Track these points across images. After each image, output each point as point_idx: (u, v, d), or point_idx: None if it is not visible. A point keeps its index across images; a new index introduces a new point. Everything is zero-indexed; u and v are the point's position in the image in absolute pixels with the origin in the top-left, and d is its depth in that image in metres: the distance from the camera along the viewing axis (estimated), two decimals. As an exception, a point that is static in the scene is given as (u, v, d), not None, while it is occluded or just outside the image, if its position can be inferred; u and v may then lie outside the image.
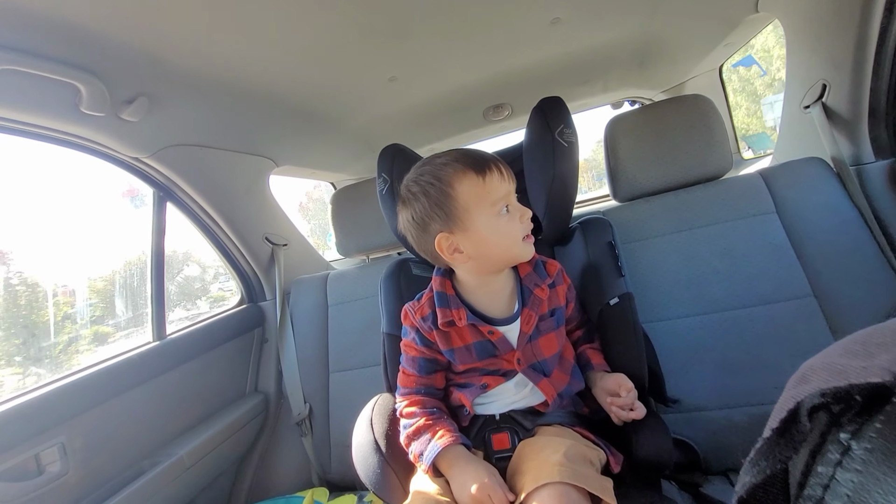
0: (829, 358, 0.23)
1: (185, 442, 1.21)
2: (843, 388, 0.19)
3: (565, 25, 1.22)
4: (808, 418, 0.19)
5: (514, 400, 0.86)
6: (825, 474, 0.18)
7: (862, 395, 0.19)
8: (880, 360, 0.20)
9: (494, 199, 0.79)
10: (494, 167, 0.79)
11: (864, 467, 0.17)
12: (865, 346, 0.22)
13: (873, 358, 0.21)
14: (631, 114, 1.30)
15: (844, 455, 0.17)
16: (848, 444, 0.18)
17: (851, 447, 0.17)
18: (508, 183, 0.80)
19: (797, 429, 0.20)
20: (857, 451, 0.17)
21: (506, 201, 0.80)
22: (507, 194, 0.80)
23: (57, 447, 0.96)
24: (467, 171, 0.78)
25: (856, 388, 0.19)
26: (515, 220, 0.80)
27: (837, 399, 0.19)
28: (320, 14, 0.90)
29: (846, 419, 0.19)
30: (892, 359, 0.20)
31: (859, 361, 0.21)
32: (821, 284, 1.06)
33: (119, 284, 1.64)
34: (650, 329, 1.14)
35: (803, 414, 0.19)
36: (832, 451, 0.18)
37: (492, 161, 0.80)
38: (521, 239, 0.80)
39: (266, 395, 1.53)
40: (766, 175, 1.18)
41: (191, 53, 0.94)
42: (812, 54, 1.13)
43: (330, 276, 1.56)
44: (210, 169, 1.33)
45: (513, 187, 0.81)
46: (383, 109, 1.55)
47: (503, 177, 0.79)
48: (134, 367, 1.15)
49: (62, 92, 0.87)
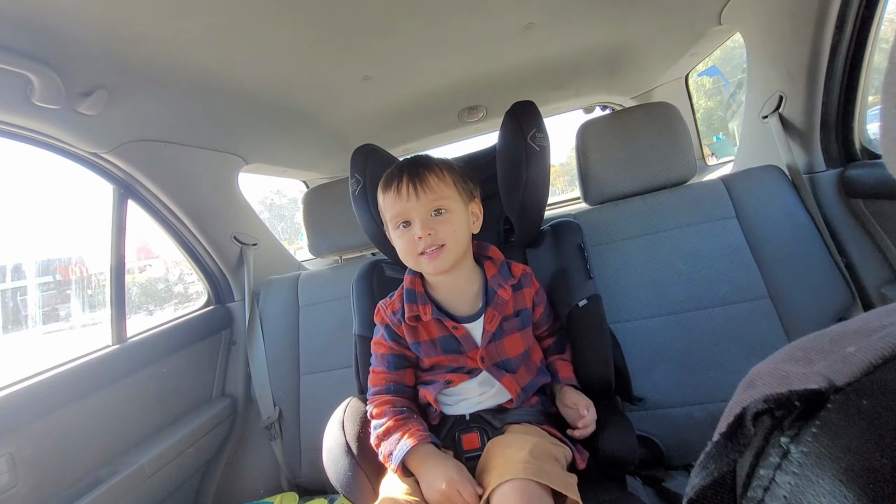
0: (774, 364, 0.25)
1: (147, 449, 1.16)
2: (784, 395, 0.20)
3: (539, 31, 1.24)
4: (752, 423, 0.21)
5: (481, 399, 0.88)
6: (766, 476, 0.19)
7: (800, 400, 0.20)
8: (819, 367, 0.22)
9: (391, 215, 0.87)
10: (395, 186, 0.84)
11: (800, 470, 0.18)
12: (807, 353, 0.24)
13: (813, 364, 0.22)
14: (601, 119, 1.33)
15: (783, 458, 0.18)
16: (787, 447, 0.19)
17: (790, 451, 0.18)
18: (406, 202, 0.83)
19: (743, 433, 0.21)
20: (795, 455, 0.18)
21: (401, 218, 0.85)
22: (403, 212, 0.85)
23: (5, 458, 0.90)
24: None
25: (795, 395, 0.20)
26: (410, 237, 0.84)
27: (779, 405, 0.20)
28: (292, 9, 0.88)
29: (787, 423, 0.20)
30: (828, 365, 0.21)
31: (800, 368, 0.22)
32: (775, 287, 1.12)
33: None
34: (618, 329, 1.17)
35: (748, 419, 0.21)
36: (773, 455, 0.19)
37: (396, 180, 0.85)
38: (415, 254, 0.84)
39: (234, 399, 1.48)
40: (727, 181, 1.23)
41: (153, 45, 0.90)
42: (770, 67, 1.19)
43: (301, 276, 1.54)
44: (175, 166, 1.28)
45: (414, 206, 0.83)
46: (357, 108, 1.53)
47: (400, 196, 0.84)
48: (91, 371, 1.10)
49: (12, 82, 0.82)
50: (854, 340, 0.22)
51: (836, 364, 0.21)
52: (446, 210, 0.84)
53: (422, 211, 0.83)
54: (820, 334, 0.25)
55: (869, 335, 0.22)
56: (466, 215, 0.88)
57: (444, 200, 0.84)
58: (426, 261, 0.84)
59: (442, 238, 0.83)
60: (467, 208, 0.89)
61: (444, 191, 0.85)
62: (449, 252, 0.83)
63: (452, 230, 0.84)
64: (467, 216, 0.89)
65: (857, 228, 1.11)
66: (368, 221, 1.03)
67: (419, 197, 0.83)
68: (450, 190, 0.86)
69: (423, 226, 0.82)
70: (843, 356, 0.21)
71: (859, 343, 0.22)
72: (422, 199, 0.83)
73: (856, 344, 0.22)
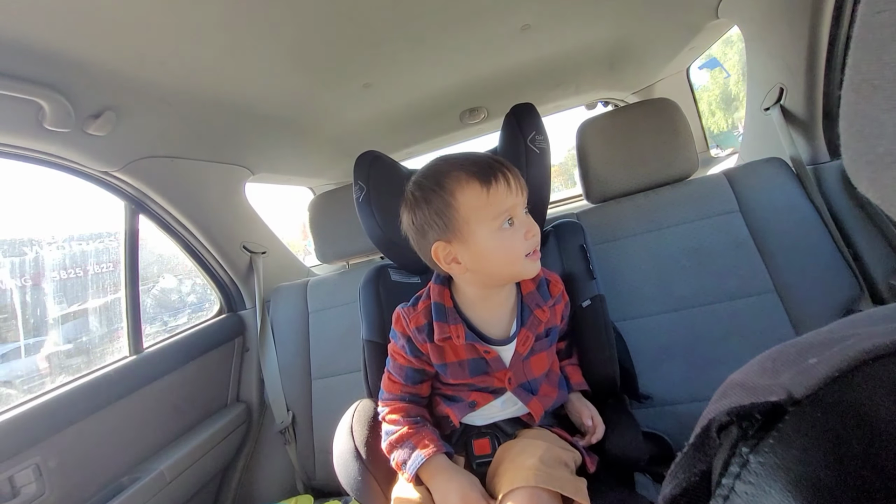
0: (745, 375, 0.26)
1: (166, 456, 1.20)
2: (745, 406, 0.21)
3: (535, 31, 1.24)
4: (717, 434, 0.22)
5: (500, 415, 0.87)
6: (727, 485, 0.20)
7: (761, 412, 0.21)
8: (783, 379, 0.23)
9: (497, 212, 0.74)
10: (501, 177, 0.74)
11: (756, 479, 0.19)
12: (775, 364, 0.25)
13: (779, 376, 0.23)
14: (601, 118, 1.34)
15: (743, 468, 0.20)
16: (747, 457, 0.20)
17: (749, 460, 0.20)
18: (516, 195, 0.75)
19: (709, 444, 0.22)
20: (753, 465, 0.19)
21: (509, 214, 0.74)
22: (513, 207, 0.75)
23: (31, 468, 0.94)
24: (471, 181, 0.74)
25: (756, 407, 0.21)
26: (519, 235, 0.75)
27: (741, 417, 0.21)
28: (288, 23, 0.90)
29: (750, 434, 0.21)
30: (791, 377, 0.22)
31: (767, 380, 0.24)
32: (781, 280, 1.11)
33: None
34: (623, 327, 1.18)
35: (713, 430, 0.22)
36: (734, 464, 0.20)
37: (500, 170, 0.74)
38: (522, 256, 0.75)
39: (248, 405, 1.52)
40: (730, 175, 1.23)
41: (156, 66, 0.93)
42: (769, 59, 1.18)
43: (310, 283, 1.56)
44: (183, 180, 1.31)
45: (521, 200, 0.76)
46: (359, 115, 1.55)
47: (510, 188, 0.74)
48: (111, 382, 1.13)
49: (23, 108, 0.85)
50: (818, 352, 0.23)
51: (798, 376, 0.22)
52: (527, 210, 0.79)
53: (523, 208, 0.77)
54: (790, 344, 0.26)
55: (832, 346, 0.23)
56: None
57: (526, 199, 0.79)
58: (532, 262, 0.76)
59: (539, 237, 0.77)
60: None
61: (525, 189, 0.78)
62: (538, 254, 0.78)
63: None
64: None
65: (863, 219, 1.10)
66: (373, 228, 1.04)
67: (523, 192, 0.76)
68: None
69: (532, 223, 0.76)
70: (805, 368, 0.22)
71: (821, 354, 0.23)
72: (525, 194, 0.76)
73: (818, 355, 0.23)
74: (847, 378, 0.20)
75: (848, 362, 0.21)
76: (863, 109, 0.22)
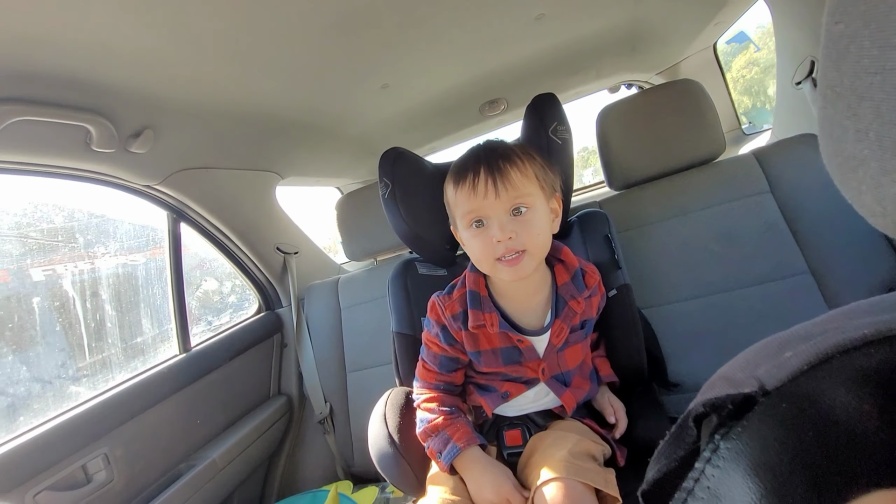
0: (730, 367, 0.27)
1: (217, 445, 1.30)
2: (720, 398, 0.23)
3: (550, 20, 1.23)
4: (693, 423, 0.24)
5: (533, 406, 0.88)
6: (699, 469, 0.22)
7: (734, 403, 0.23)
8: (760, 371, 0.24)
9: (462, 213, 0.77)
10: (471, 180, 0.74)
11: (723, 464, 0.21)
12: (756, 357, 0.26)
13: (757, 369, 0.25)
14: (621, 103, 1.31)
15: (714, 453, 0.21)
16: (718, 443, 0.22)
17: (719, 446, 0.21)
18: (483, 198, 0.74)
19: (687, 432, 0.24)
20: (722, 450, 0.21)
21: (476, 216, 0.76)
22: (478, 209, 0.75)
23: (101, 457, 1.05)
24: (449, 178, 0.80)
25: (729, 398, 0.23)
26: (487, 237, 0.74)
27: (714, 408, 0.23)
28: (307, 36, 0.94)
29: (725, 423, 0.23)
30: (767, 370, 0.24)
31: (746, 373, 0.25)
32: (816, 261, 1.08)
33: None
34: (651, 314, 1.17)
35: (690, 420, 0.24)
36: (707, 450, 0.22)
37: (472, 173, 0.75)
38: (493, 259, 0.75)
39: (289, 397, 1.61)
40: (759, 155, 1.19)
41: (189, 85, 0.99)
42: (798, 31, 1.12)
43: (340, 280, 1.63)
44: (218, 188, 1.39)
45: (492, 203, 0.74)
46: (379, 115, 1.58)
47: (474, 191, 0.74)
48: (164, 379, 1.23)
49: (73, 134, 0.93)
50: (794, 345, 0.25)
51: (773, 369, 0.24)
52: (527, 208, 0.74)
53: (500, 210, 0.73)
54: (774, 338, 0.27)
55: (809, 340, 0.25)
56: (548, 213, 0.78)
57: (526, 198, 0.74)
58: (504, 267, 0.74)
59: (523, 243, 0.73)
60: (548, 204, 0.78)
61: (526, 187, 0.74)
62: (531, 258, 0.74)
63: (535, 233, 0.74)
64: (549, 214, 0.78)
65: None
66: (399, 223, 1.06)
67: (499, 194, 0.73)
68: (532, 185, 0.75)
69: (502, 228, 0.73)
70: (781, 361, 0.24)
71: (796, 348, 0.24)
72: (502, 196, 0.73)
73: (794, 349, 0.24)
74: (813, 371, 0.21)
75: (817, 356, 0.22)
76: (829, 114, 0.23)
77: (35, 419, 1.00)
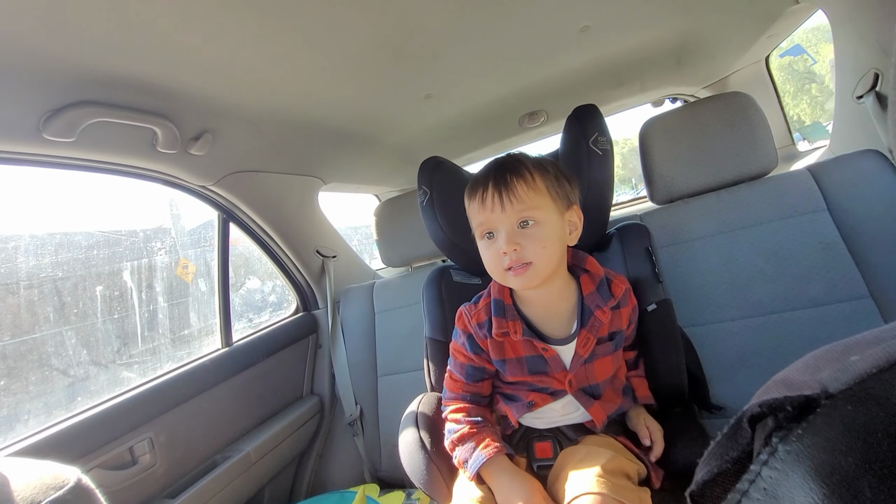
0: (788, 372, 0.27)
1: (251, 439, 1.34)
2: (779, 399, 0.22)
3: (595, 32, 1.23)
4: (748, 425, 0.23)
5: (562, 419, 0.86)
6: (754, 471, 0.21)
7: (793, 405, 0.22)
8: (822, 375, 0.23)
9: (475, 224, 0.82)
10: (479, 195, 0.78)
11: (781, 465, 0.20)
12: (818, 361, 0.25)
13: (819, 372, 0.24)
14: (666, 115, 1.29)
15: (771, 455, 0.21)
16: (776, 446, 0.21)
17: (777, 448, 0.21)
18: (490, 212, 0.77)
19: (741, 433, 0.23)
20: (780, 452, 0.21)
21: (485, 228, 0.79)
22: (486, 222, 0.78)
23: (146, 441, 1.10)
24: (466, 191, 0.84)
25: (788, 400, 0.22)
26: (495, 250, 0.77)
27: (772, 409, 0.22)
28: (357, 46, 0.98)
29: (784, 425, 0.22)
30: (830, 373, 0.23)
31: (807, 376, 0.24)
32: (878, 285, 1.01)
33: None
34: (693, 333, 1.13)
35: (744, 420, 0.23)
36: (764, 452, 0.21)
37: (482, 187, 0.78)
38: (502, 269, 0.77)
39: (321, 398, 1.64)
40: (816, 171, 1.13)
41: (245, 92, 1.05)
42: (860, 42, 1.07)
43: (376, 284, 1.66)
44: (265, 191, 1.46)
45: (499, 217, 0.76)
46: (421, 124, 1.62)
47: (483, 205, 0.78)
48: (207, 370, 1.29)
49: (142, 135, 1.01)
50: (861, 349, 0.24)
51: (837, 372, 0.23)
52: (535, 222, 0.76)
53: (507, 223, 0.76)
54: (836, 344, 0.26)
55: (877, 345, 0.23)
56: (560, 225, 0.79)
57: (533, 211, 0.76)
58: (512, 277, 0.77)
59: (529, 255, 0.75)
60: (563, 217, 0.80)
61: (533, 200, 0.76)
62: (536, 270, 0.76)
63: (541, 246, 0.75)
64: (562, 226, 0.79)
65: None
66: (436, 231, 1.08)
67: (504, 208, 0.75)
68: (541, 198, 0.77)
69: (509, 240, 0.75)
70: (845, 365, 0.23)
71: (863, 352, 0.23)
72: (508, 210, 0.75)
73: (860, 353, 0.23)
74: (881, 374, 0.20)
75: (887, 360, 0.21)
76: None
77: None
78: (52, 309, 1.32)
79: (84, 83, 0.83)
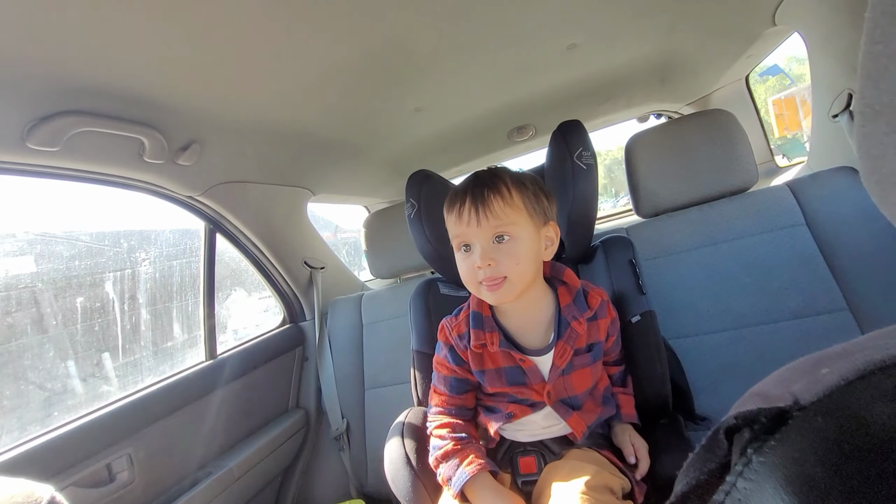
0: (764, 384, 0.27)
1: (235, 454, 1.31)
2: (752, 412, 0.23)
3: (582, 50, 1.26)
4: (724, 437, 0.23)
5: (543, 431, 0.87)
6: (730, 482, 0.21)
7: (767, 417, 0.22)
8: (795, 387, 0.24)
9: (452, 236, 0.83)
10: (457, 208, 0.79)
11: (755, 476, 0.20)
12: (792, 374, 0.26)
13: (792, 385, 0.25)
14: (651, 131, 1.32)
15: (746, 466, 0.21)
16: (750, 457, 0.21)
17: (752, 460, 0.21)
18: (467, 225, 0.78)
19: (718, 445, 0.24)
20: (755, 464, 0.21)
21: (462, 241, 0.80)
22: (462, 235, 0.79)
23: (125, 457, 1.07)
24: (445, 203, 0.84)
25: (763, 412, 0.23)
26: (470, 263, 0.78)
27: (747, 421, 0.23)
28: (346, 61, 0.99)
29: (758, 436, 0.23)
30: (803, 386, 0.24)
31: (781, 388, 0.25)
32: (855, 297, 1.04)
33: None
34: (677, 345, 1.14)
35: (721, 433, 0.23)
36: (739, 464, 0.22)
37: (459, 202, 0.79)
38: (475, 282, 0.78)
39: (307, 411, 1.61)
40: (794, 186, 1.17)
41: (234, 103, 1.05)
42: (834, 64, 1.12)
43: (364, 296, 1.65)
44: (253, 202, 1.45)
45: (474, 231, 0.77)
46: (410, 137, 1.63)
47: (460, 218, 0.78)
48: (190, 384, 1.26)
49: (129, 145, 1.00)
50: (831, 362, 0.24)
51: (809, 385, 0.23)
52: (510, 237, 0.76)
53: (483, 237, 0.76)
54: (809, 357, 0.27)
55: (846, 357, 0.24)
56: (536, 241, 0.79)
57: (509, 227, 0.76)
58: (486, 291, 0.77)
59: (503, 270, 0.75)
60: (539, 233, 0.80)
61: (509, 216, 0.76)
62: (511, 285, 0.76)
63: (515, 262, 0.76)
64: (537, 242, 0.80)
65: None
66: (424, 243, 1.08)
67: (480, 223, 0.76)
68: (517, 214, 0.77)
69: (483, 255, 0.75)
70: (817, 377, 0.24)
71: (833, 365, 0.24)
72: (483, 224, 0.76)
73: (831, 366, 0.24)
74: (851, 386, 0.21)
75: (854, 371, 0.22)
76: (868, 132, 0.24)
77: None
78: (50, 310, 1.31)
79: (70, 92, 0.83)
